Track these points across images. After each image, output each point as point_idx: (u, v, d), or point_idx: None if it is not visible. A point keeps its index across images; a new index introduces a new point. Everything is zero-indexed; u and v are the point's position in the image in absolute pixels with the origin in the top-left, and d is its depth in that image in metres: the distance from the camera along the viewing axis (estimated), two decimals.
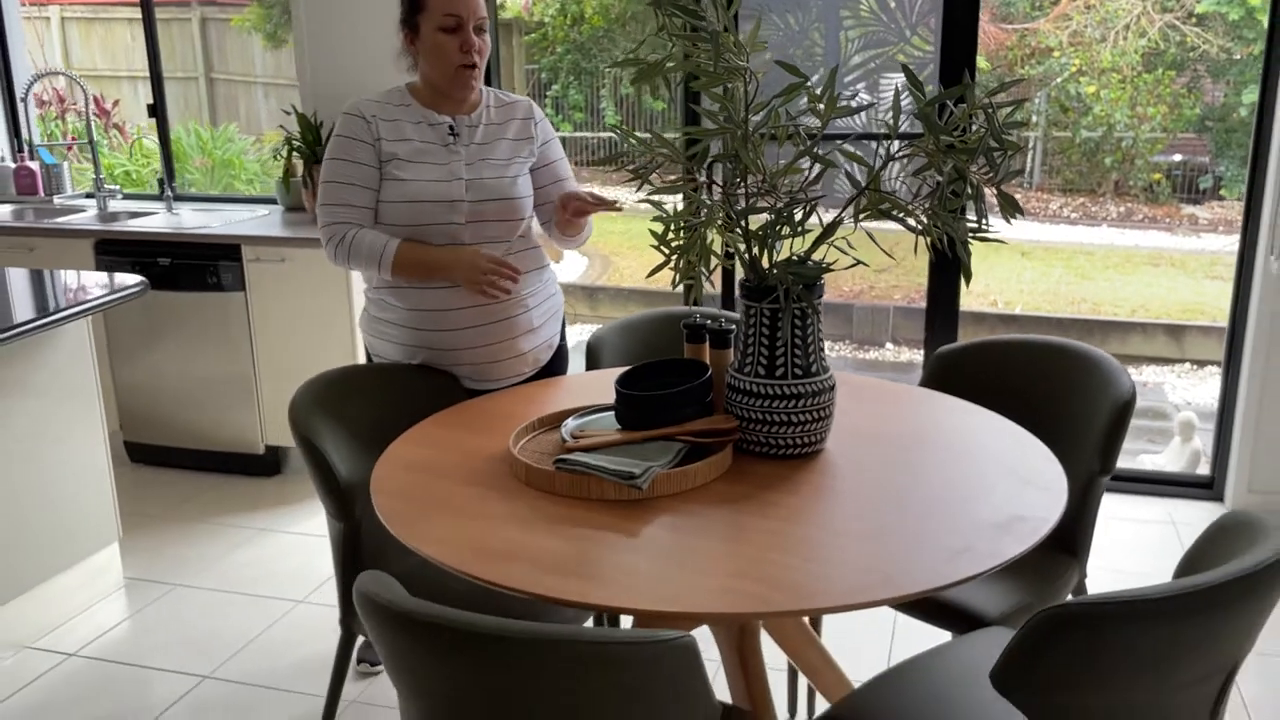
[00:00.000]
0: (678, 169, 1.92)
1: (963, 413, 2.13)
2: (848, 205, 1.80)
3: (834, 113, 1.77)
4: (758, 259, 1.85)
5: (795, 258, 1.86)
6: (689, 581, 1.48)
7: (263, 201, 4.53)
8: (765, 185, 1.83)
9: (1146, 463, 4.80)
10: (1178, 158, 9.49)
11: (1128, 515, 3.60)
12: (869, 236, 1.81)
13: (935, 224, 1.76)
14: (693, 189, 1.87)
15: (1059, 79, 9.24)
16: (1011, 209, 1.75)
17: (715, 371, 1.97)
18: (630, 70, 1.81)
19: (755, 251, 1.85)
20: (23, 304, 2.81)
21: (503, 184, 2.40)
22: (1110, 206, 9.60)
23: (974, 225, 1.77)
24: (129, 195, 4.80)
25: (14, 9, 4.73)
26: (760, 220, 1.85)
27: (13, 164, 4.65)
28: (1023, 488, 1.76)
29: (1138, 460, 4.84)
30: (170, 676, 2.74)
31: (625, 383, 1.95)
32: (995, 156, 1.72)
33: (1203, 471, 3.97)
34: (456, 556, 1.56)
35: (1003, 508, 1.68)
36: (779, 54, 3.88)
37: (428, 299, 2.39)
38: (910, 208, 1.78)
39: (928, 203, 1.77)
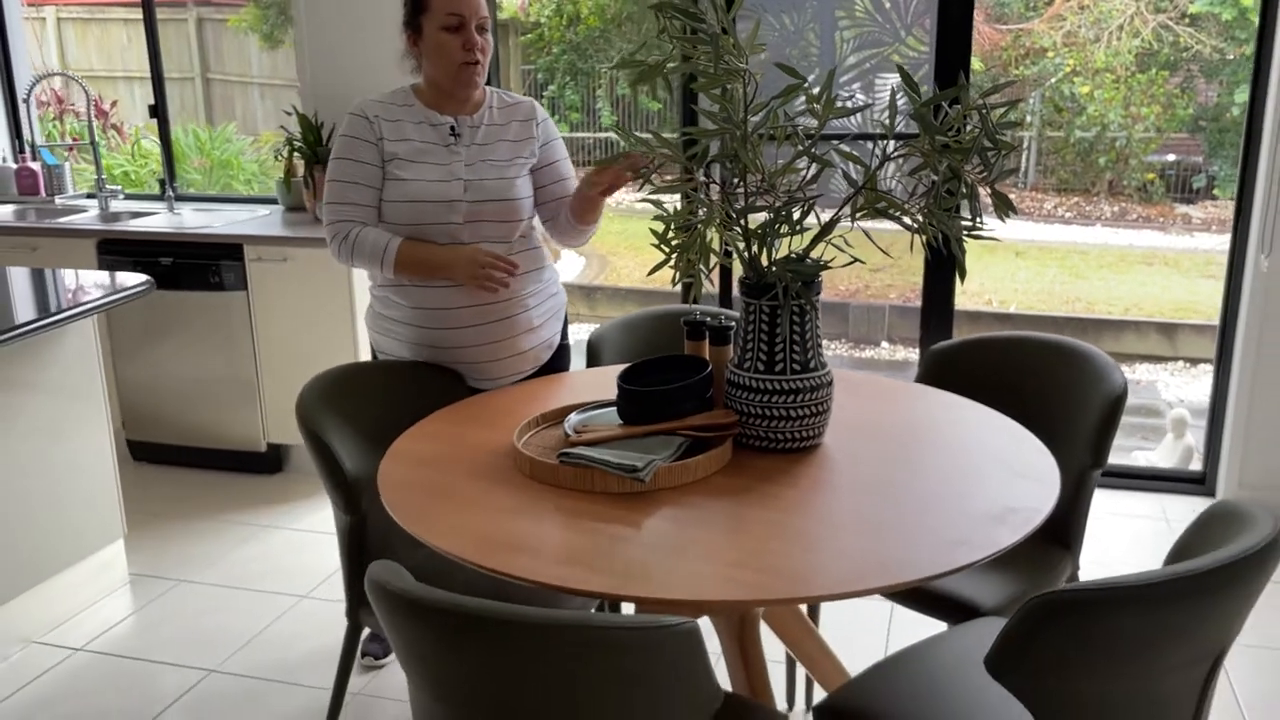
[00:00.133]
0: (677, 169, 1.96)
1: (957, 408, 2.17)
2: (845, 204, 1.84)
3: (831, 113, 1.81)
4: (757, 257, 1.89)
5: (793, 256, 1.90)
6: (691, 570, 1.52)
7: (263, 201, 4.57)
8: (764, 185, 1.87)
9: (1140, 459, 4.84)
10: (1171, 157, 9.54)
11: (1121, 511, 3.64)
12: (866, 235, 1.85)
13: (930, 223, 1.80)
14: (692, 189, 1.91)
15: (1053, 79, 9.29)
16: (1005, 208, 1.79)
17: (715, 368, 2.01)
18: (630, 72, 1.85)
19: (755, 250, 1.89)
20: (30, 303, 2.84)
21: (501, 184, 2.44)
22: (1104, 206, 9.65)
23: (968, 224, 1.81)
24: (129, 196, 4.83)
25: (16, 10, 4.76)
26: (759, 219, 1.89)
27: (14, 165, 4.68)
28: (1016, 480, 1.80)
29: (1131, 457, 4.89)
30: (176, 670, 2.78)
31: (627, 378, 1.99)
32: (989, 156, 1.76)
33: (1195, 468, 4.01)
34: (463, 547, 1.59)
35: (997, 499, 1.72)
36: (775, 54, 3.91)
37: (430, 297, 2.42)
38: (906, 207, 1.82)
39: (923, 202, 1.81)
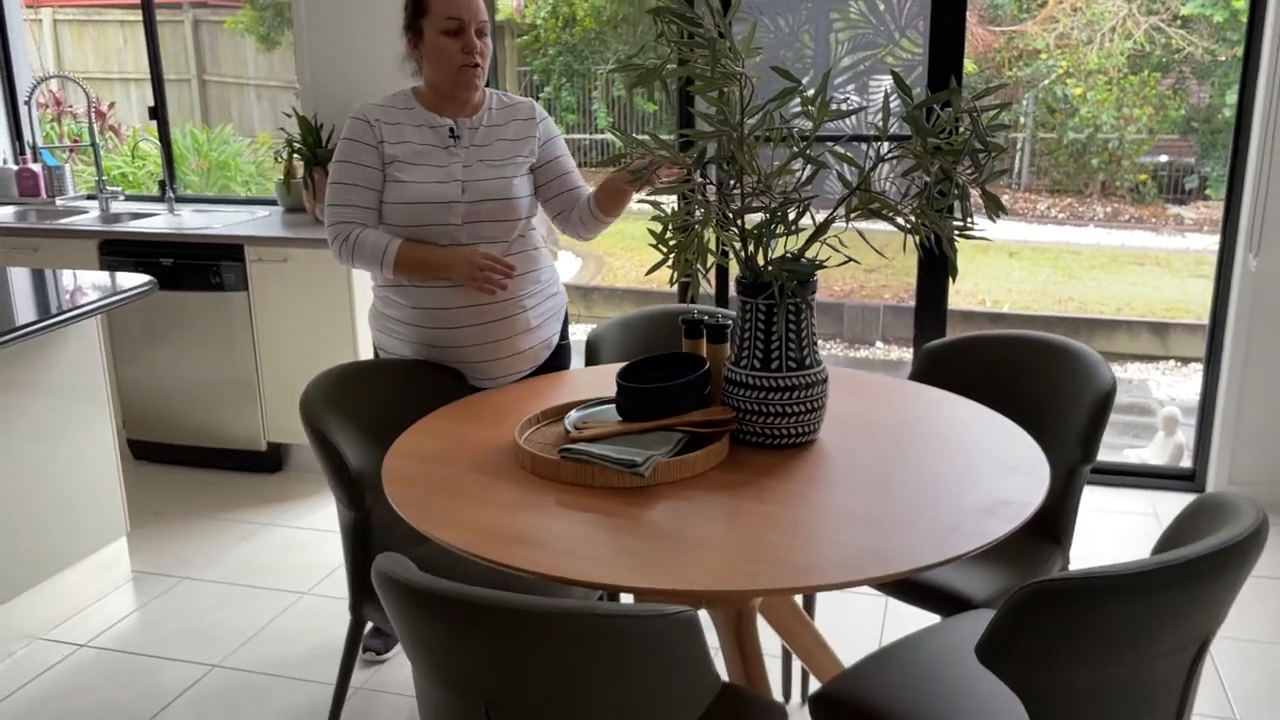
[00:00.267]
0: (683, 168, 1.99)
1: (950, 405, 2.21)
2: (839, 205, 1.88)
3: (826, 116, 1.85)
4: (753, 257, 1.93)
5: (789, 255, 1.94)
6: (690, 562, 1.56)
7: (262, 203, 4.60)
8: (760, 186, 1.91)
9: (1131, 457, 4.89)
10: (1164, 158, 9.60)
11: (1112, 507, 3.69)
12: (860, 235, 1.89)
13: (923, 223, 1.84)
14: (690, 190, 1.95)
15: (1046, 81, 9.34)
16: (995, 208, 1.83)
17: (712, 365, 2.05)
18: (628, 75, 1.88)
19: (751, 249, 1.93)
20: (35, 303, 2.87)
21: (499, 184, 2.47)
22: (1097, 207, 9.71)
23: (959, 224, 1.85)
24: (129, 197, 4.85)
25: (16, 12, 4.79)
26: (755, 219, 1.93)
27: (15, 166, 4.70)
28: (1007, 474, 1.84)
29: (1122, 454, 4.93)
30: (180, 665, 2.81)
31: (626, 376, 2.03)
32: (980, 158, 1.80)
33: (1185, 465, 4.06)
34: (467, 541, 1.63)
35: (988, 493, 1.76)
36: (770, 56, 3.95)
37: (430, 297, 2.46)
38: (899, 207, 1.86)
39: (916, 202, 1.85)
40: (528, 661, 1.36)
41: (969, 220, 1.84)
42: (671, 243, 1.90)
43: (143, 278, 3.06)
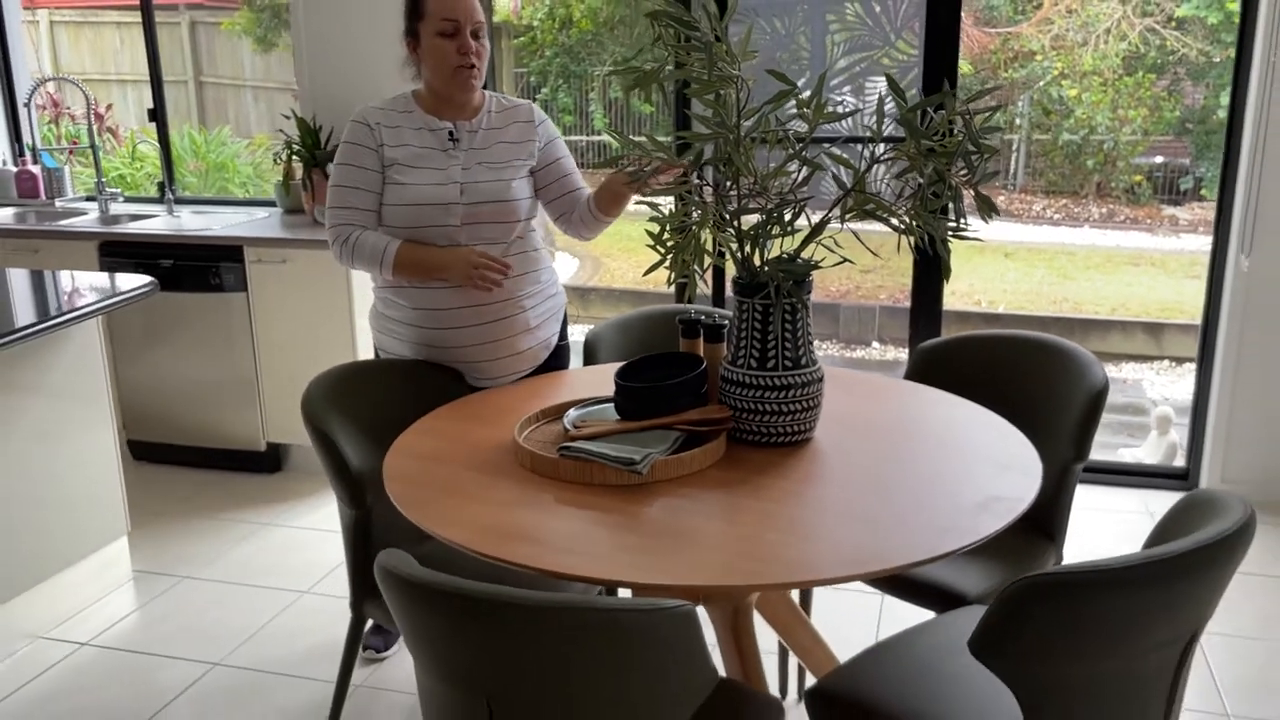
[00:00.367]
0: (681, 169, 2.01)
1: (944, 404, 2.24)
2: (835, 206, 1.90)
3: (821, 119, 1.87)
4: (750, 257, 1.96)
5: (785, 256, 1.96)
6: (688, 557, 1.58)
7: (260, 204, 4.62)
8: (756, 187, 1.94)
9: (1126, 456, 4.92)
10: (1159, 159, 9.64)
11: (1106, 506, 3.71)
12: (855, 236, 1.91)
13: (917, 224, 1.87)
14: (687, 191, 1.97)
15: (1041, 82, 9.38)
16: (988, 209, 1.85)
17: (709, 364, 2.07)
18: (626, 78, 1.91)
19: (747, 250, 1.95)
20: (37, 304, 2.89)
21: (497, 186, 2.50)
22: (1092, 208, 9.74)
23: (953, 225, 1.87)
24: (128, 199, 4.87)
25: (15, 14, 4.81)
26: (752, 220, 1.95)
27: (14, 168, 4.72)
28: (1001, 471, 1.86)
29: (1117, 454, 4.96)
30: (181, 664, 2.83)
31: (624, 375, 2.05)
32: (973, 160, 1.83)
33: (1179, 464, 4.08)
34: (468, 537, 1.65)
35: (982, 490, 1.78)
36: (766, 57, 3.97)
37: (429, 298, 2.48)
38: (893, 208, 1.88)
39: (910, 203, 1.87)
40: (527, 655, 1.38)
41: (962, 221, 1.87)
42: (669, 244, 1.92)
43: (144, 279, 3.07)
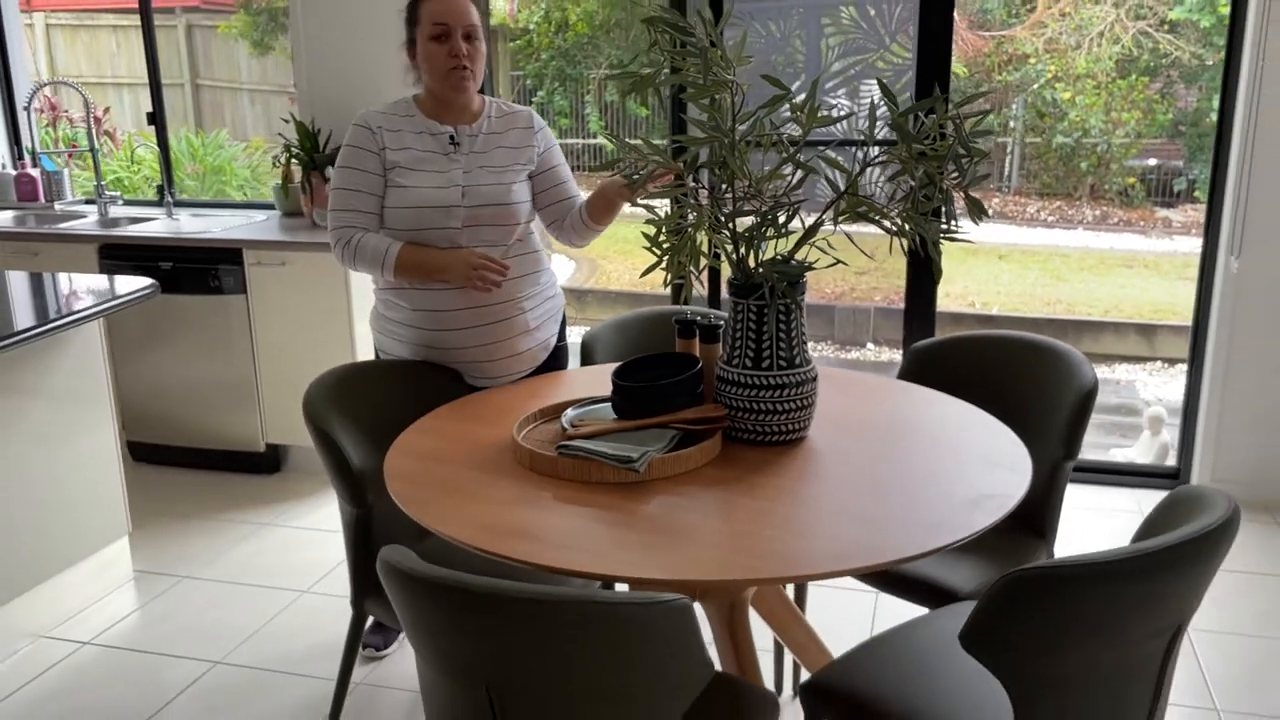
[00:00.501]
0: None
1: (938, 403, 2.27)
2: (828, 208, 1.93)
3: (814, 123, 1.90)
4: (745, 259, 1.99)
5: (779, 257, 1.99)
6: (685, 554, 1.61)
7: (259, 207, 4.65)
8: (751, 190, 1.97)
9: (1118, 456, 4.96)
10: (1152, 162, 9.69)
11: (1099, 505, 3.75)
12: (848, 238, 1.95)
13: (909, 226, 1.90)
14: (682, 194, 2.00)
15: (1035, 85, 9.43)
16: (977, 212, 1.89)
17: (705, 364, 2.10)
18: (623, 82, 1.94)
19: (742, 252, 1.98)
20: (37, 307, 2.91)
21: (498, 190, 2.53)
22: (1086, 210, 9.79)
23: (944, 227, 1.91)
24: (127, 202, 4.89)
25: (14, 17, 4.83)
26: (747, 223, 1.99)
27: (14, 171, 4.74)
28: (992, 469, 1.90)
29: (1109, 454, 5.00)
30: (182, 662, 2.85)
31: (621, 375, 2.08)
32: (964, 163, 1.86)
33: (1170, 463, 4.12)
34: (468, 535, 1.68)
35: (973, 487, 1.82)
36: (761, 60, 4.01)
37: (430, 300, 2.51)
38: (886, 211, 1.92)
39: (902, 206, 1.91)
40: (527, 648, 1.41)
41: (953, 223, 1.90)
42: (665, 246, 1.95)
43: (144, 281, 3.10)
